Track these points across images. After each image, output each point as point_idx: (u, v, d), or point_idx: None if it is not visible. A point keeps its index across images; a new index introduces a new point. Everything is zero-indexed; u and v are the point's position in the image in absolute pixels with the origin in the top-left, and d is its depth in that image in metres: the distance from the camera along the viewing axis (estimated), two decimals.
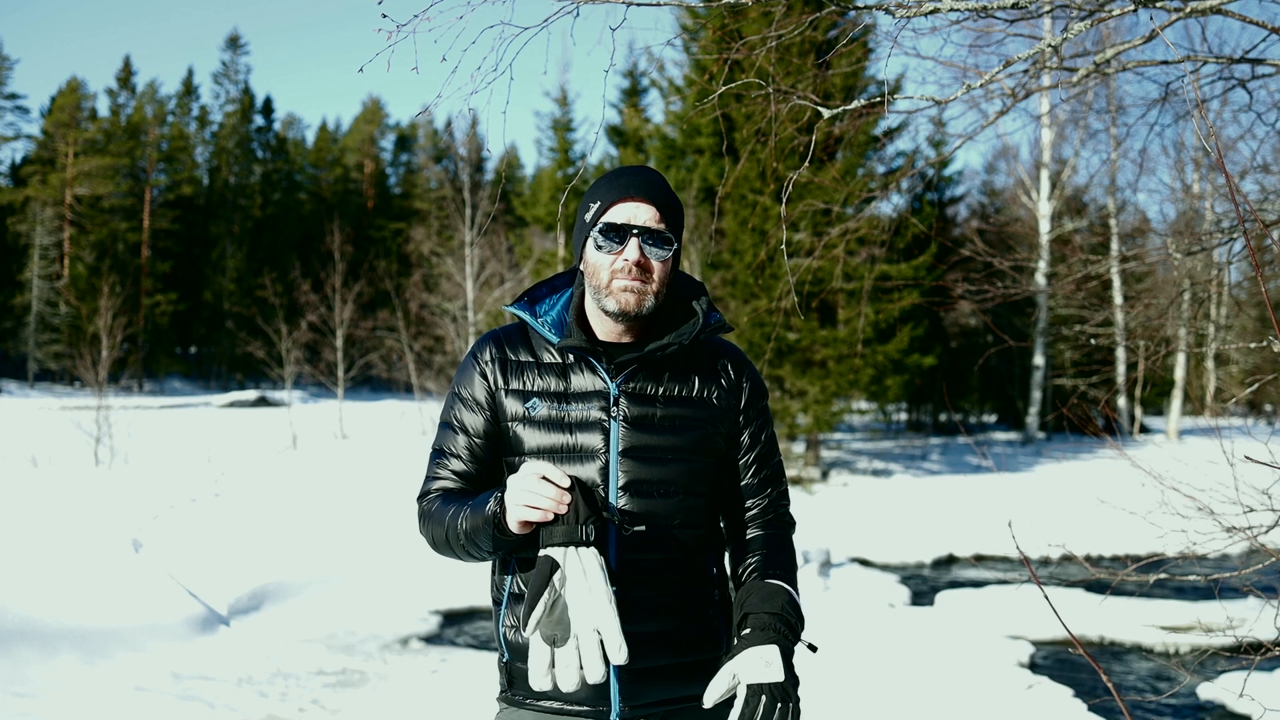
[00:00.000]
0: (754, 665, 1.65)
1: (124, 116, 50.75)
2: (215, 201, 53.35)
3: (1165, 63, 3.23)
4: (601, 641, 1.57)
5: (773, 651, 1.66)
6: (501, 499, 1.66)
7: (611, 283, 1.80)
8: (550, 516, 1.59)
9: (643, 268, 1.80)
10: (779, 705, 1.60)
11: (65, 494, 11.54)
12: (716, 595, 1.91)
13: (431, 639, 7.87)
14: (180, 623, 7.15)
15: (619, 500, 1.80)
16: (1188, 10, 2.52)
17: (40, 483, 12.67)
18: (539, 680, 1.60)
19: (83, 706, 5.38)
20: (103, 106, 65.77)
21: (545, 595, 1.57)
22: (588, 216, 1.85)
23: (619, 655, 1.54)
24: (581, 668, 1.57)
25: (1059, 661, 7.51)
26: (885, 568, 11.67)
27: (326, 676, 6.49)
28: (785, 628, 1.71)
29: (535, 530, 1.65)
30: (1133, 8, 2.62)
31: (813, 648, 1.75)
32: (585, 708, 1.79)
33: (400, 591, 8.82)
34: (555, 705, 1.81)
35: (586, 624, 1.57)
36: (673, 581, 1.83)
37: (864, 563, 11.72)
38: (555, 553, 1.60)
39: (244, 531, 10.21)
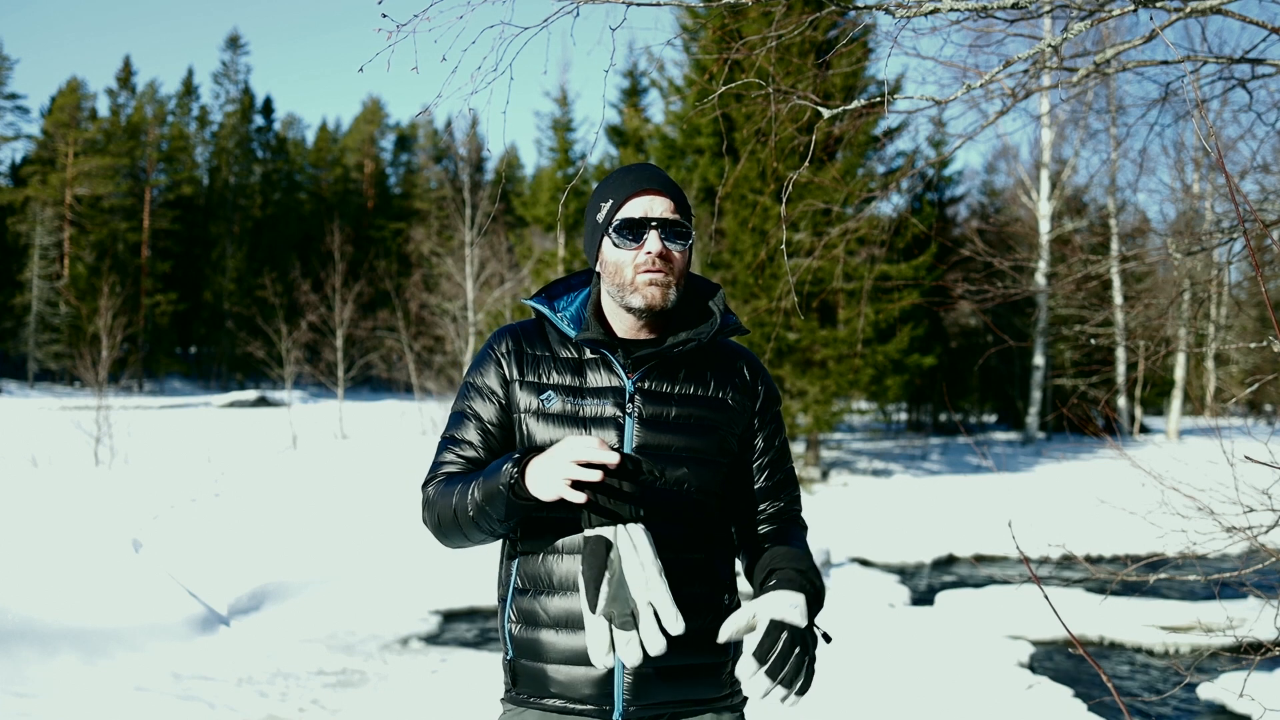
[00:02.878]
0: (779, 605, 1.64)
1: (124, 116, 50.74)
2: (215, 201, 53.36)
3: (1165, 63, 3.23)
4: (657, 614, 1.58)
5: (799, 598, 1.65)
6: (520, 460, 1.65)
7: (636, 278, 1.80)
8: (597, 475, 1.55)
9: (664, 259, 1.80)
10: (797, 649, 1.59)
11: (65, 494, 11.53)
12: (726, 599, 1.89)
13: (431, 639, 7.87)
14: (180, 623, 7.15)
15: None
16: (1188, 10, 2.52)
17: (40, 483, 12.67)
18: (601, 658, 1.61)
19: (83, 706, 5.38)
20: (103, 106, 65.84)
21: (607, 575, 1.58)
22: (599, 216, 1.85)
23: (676, 625, 1.56)
24: (642, 642, 1.59)
25: (1059, 661, 7.51)
26: (885, 568, 11.67)
27: (326, 676, 6.49)
28: (810, 585, 1.70)
29: (547, 502, 1.63)
30: (1133, 8, 2.62)
31: (828, 637, 1.72)
32: (590, 707, 1.78)
33: (400, 591, 8.82)
34: (560, 704, 1.80)
35: (642, 599, 1.59)
36: (682, 582, 1.81)
37: (864, 563, 11.72)
38: (606, 531, 1.61)
39: (244, 531, 10.21)
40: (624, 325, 1.88)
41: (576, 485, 1.57)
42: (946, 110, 6.03)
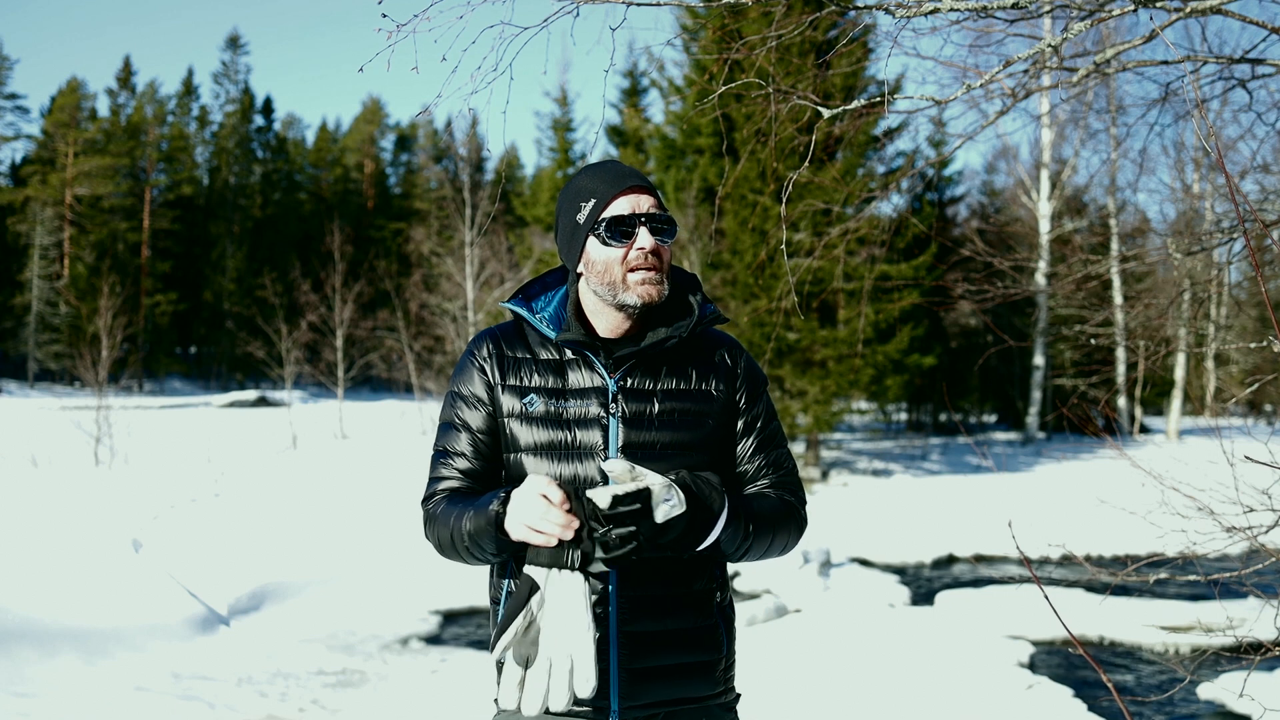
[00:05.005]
0: (665, 483, 1.59)
1: (124, 116, 50.72)
2: (215, 201, 53.34)
3: (1165, 63, 3.23)
4: (572, 669, 1.52)
5: (681, 496, 1.61)
6: (505, 499, 1.64)
7: (627, 276, 1.79)
8: (553, 542, 1.55)
9: (655, 254, 1.80)
10: (640, 527, 1.55)
11: (65, 494, 11.54)
12: (718, 597, 1.89)
13: (431, 639, 7.87)
14: (180, 623, 7.15)
15: None
16: (1188, 10, 2.52)
17: (40, 483, 12.67)
18: (506, 698, 1.55)
19: (83, 706, 5.38)
20: (103, 106, 65.73)
21: (520, 618, 1.53)
22: (581, 216, 1.83)
23: (585, 688, 1.51)
24: (548, 693, 1.52)
25: (1059, 661, 7.51)
26: (885, 568, 11.66)
27: (326, 676, 6.49)
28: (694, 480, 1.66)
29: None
30: (1133, 8, 2.62)
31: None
32: (585, 708, 1.77)
33: (400, 591, 8.82)
34: None
35: (561, 650, 1.52)
36: (674, 580, 1.81)
37: (864, 563, 11.72)
38: (538, 574, 1.56)
39: (244, 531, 10.21)
40: (607, 324, 1.86)
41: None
42: (946, 110, 6.03)
